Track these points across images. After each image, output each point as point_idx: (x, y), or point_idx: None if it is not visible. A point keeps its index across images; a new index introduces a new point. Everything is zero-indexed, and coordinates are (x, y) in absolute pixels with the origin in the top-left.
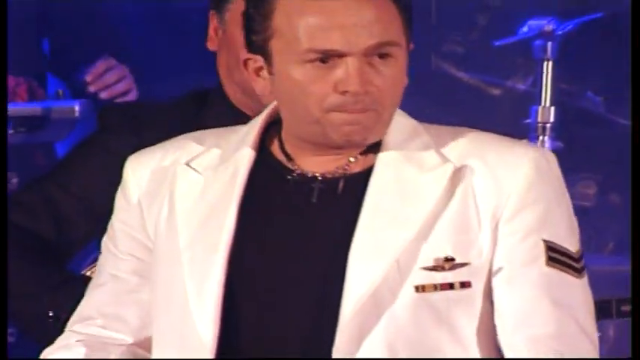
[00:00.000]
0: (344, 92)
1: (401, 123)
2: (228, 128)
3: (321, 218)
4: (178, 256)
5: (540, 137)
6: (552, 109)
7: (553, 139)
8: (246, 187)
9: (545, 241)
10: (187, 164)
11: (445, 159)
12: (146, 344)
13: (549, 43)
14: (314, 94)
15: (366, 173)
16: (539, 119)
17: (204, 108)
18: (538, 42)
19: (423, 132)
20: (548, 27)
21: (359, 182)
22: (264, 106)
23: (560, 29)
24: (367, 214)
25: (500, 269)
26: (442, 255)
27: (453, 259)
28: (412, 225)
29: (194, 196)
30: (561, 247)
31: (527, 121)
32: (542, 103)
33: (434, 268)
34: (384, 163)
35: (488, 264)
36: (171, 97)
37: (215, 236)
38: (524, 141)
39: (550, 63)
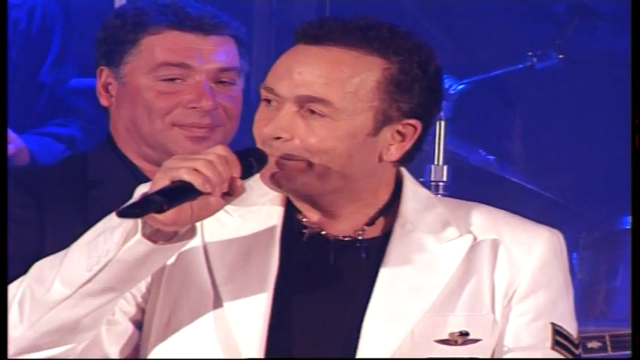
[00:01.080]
0: None
1: (415, 191)
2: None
3: (338, 281)
4: (212, 289)
5: None
6: (445, 167)
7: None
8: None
9: (553, 325)
10: None
11: (463, 231)
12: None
13: (442, 102)
14: None
15: (383, 238)
16: (433, 177)
17: (93, 166)
18: None
19: (438, 203)
20: None
21: (376, 247)
22: (167, 158)
23: (453, 88)
24: (384, 283)
25: (506, 347)
26: (457, 329)
27: (467, 334)
28: (429, 296)
29: (226, 236)
30: (566, 331)
31: (421, 179)
32: (435, 162)
33: (447, 342)
34: (402, 231)
35: (495, 341)
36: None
37: (260, 277)
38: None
39: (443, 122)
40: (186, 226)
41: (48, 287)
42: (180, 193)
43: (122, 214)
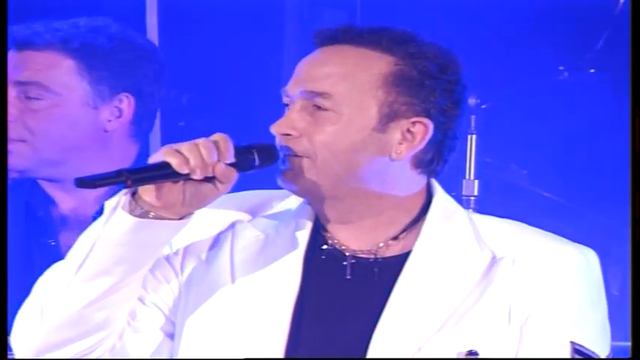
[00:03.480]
0: None
1: (444, 208)
2: (277, 192)
3: (352, 297)
4: (235, 304)
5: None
6: (476, 182)
7: (477, 212)
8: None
9: (573, 344)
10: (249, 222)
11: (483, 248)
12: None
13: (473, 117)
14: None
15: (402, 257)
16: (464, 192)
17: None
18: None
19: (465, 221)
20: (472, 100)
21: (393, 266)
22: None
23: (484, 103)
24: (396, 301)
25: None
26: (466, 348)
27: (476, 354)
28: (440, 315)
29: (254, 252)
30: (589, 350)
31: (453, 194)
32: (467, 176)
33: None
34: (421, 252)
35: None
36: None
37: (279, 295)
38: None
39: (474, 136)
40: (181, 212)
41: (53, 280)
42: (155, 172)
43: (80, 183)
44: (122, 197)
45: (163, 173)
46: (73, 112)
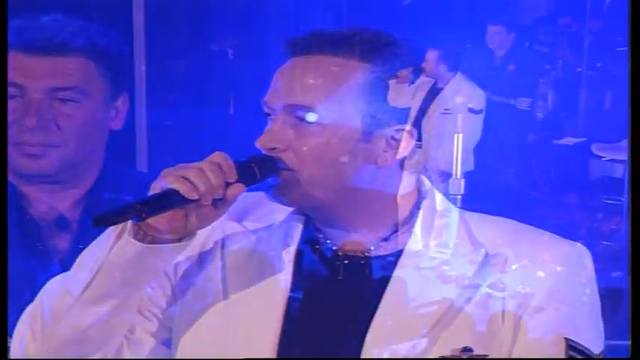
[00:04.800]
0: None
1: (434, 207)
2: None
3: (346, 298)
4: (227, 307)
5: None
6: (462, 180)
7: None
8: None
9: (567, 340)
10: (240, 223)
11: (477, 245)
12: None
13: (460, 116)
14: None
15: (395, 256)
16: (450, 191)
17: None
18: None
19: (456, 217)
20: (459, 99)
21: (386, 265)
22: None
23: (471, 102)
24: (389, 300)
25: None
26: (460, 345)
27: (470, 350)
28: (434, 312)
29: (245, 253)
30: (583, 347)
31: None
32: (453, 175)
33: (450, 359)
34: (413, 250)
35: (506, 355)
36: None
37: (271, 296)
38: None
39: (460, 135)
40: (184, 233)
41: (57, 299)
42: (165, 201)
43: (97, 222)
44: (127, 223)
45: (173, 201)
46: (99, 115)
